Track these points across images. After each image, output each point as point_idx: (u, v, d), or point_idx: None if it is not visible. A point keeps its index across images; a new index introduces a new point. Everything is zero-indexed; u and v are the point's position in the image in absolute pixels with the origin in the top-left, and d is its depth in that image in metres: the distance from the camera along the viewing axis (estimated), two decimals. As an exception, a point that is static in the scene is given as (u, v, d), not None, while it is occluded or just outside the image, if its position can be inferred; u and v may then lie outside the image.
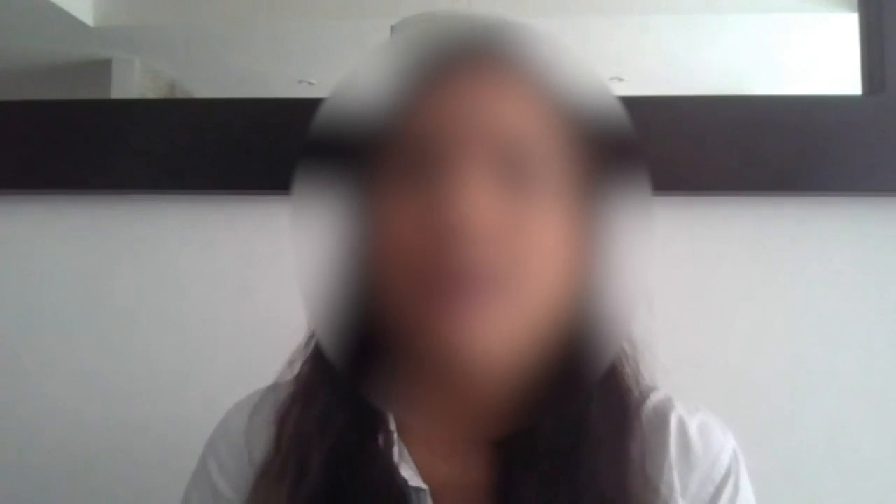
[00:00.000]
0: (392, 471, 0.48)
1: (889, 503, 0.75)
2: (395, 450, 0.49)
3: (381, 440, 0.49)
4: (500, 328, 0.43)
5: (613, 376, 0.50)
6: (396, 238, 0.44)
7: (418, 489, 0.48)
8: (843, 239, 0.77)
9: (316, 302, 0.46)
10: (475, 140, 0.44)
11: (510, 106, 0.45)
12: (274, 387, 0.55)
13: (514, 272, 0.43)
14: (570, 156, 0.45)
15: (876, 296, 0.77)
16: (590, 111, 0.45)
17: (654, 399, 0.53)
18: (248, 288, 0.81)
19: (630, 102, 0.46)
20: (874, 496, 0.75)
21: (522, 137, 0.44)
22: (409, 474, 0.49)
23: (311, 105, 0.46)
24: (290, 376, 0.54)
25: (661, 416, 0.52)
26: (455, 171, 0.43)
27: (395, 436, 0.50)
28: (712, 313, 0.78)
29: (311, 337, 0.52)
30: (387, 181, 0.45)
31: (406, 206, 0.44)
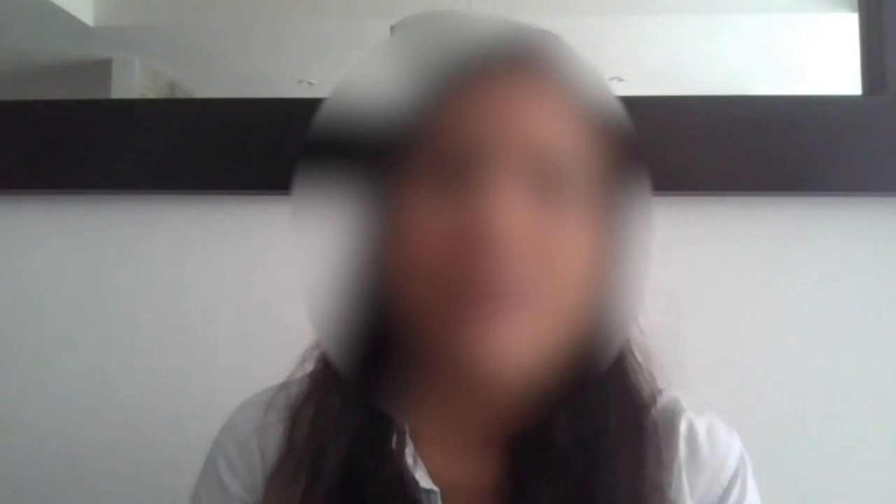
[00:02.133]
0: (404, 472, 0.48)
1: (891, 502, 0.75)
2: (408, 451, 0.49)
3: (394, 442, 0.49)
4: (524, 339, 0.42)
5: (625, 380, 0.50)
6: (420, 245, 0.43)
7: (429, 491, 0.48)
8: (843, 239, 0.77)
9: (321, 310, 0.45)
10: (508, 148, 0.43)
11: (541, 113, 0.44)
12: (285, 385, 0.54)
13: (543, 284, 0.42)
14: (592, 163, 0.45)
15: (876, 295, 0.77)
16: (606, 117, 0.45)
17: (662, 401, 0.53)
18: (248, 288, 0.81)
19: (630, 102, 0.45)
20: (876, 495, 0.75)
21: (553, 145, 0.44)
22: (421, 475, 0.48)
23: (311, 105, 0.45)
24: (301, 373, 0.53)
25: (670, 418, 0.52)
26: (488, 180, 0.42)
27: (408, 437, 0.49)
28: (711, 313, 0.77)
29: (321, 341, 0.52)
30: (408, 185, 0.45)
31: (432, 212, 0.43)
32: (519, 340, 0.42)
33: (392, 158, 0.45)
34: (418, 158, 0.45)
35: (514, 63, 0.45)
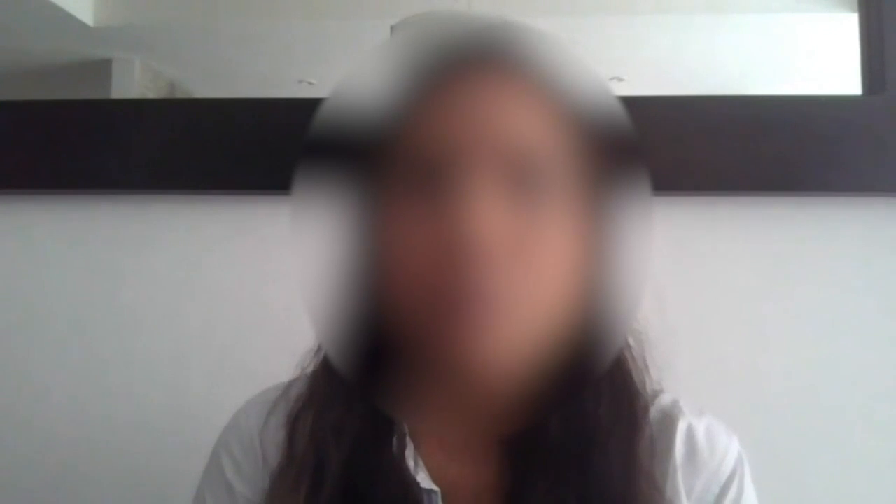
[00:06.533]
0: (405, 474, 0.48)
1: (891, 502, 0.75)
2: (408, 452, 0.49)
3: (394, 444, 0.49)
4: (510, 342, 0.42)
5: (621, 379, 0.50)
6: (405, 252, 0.43)
7: (430, 491, 0.48)
8: (843, 239, 0.77)
9: (321, 313, 0.46)
10: (485, 150, 0.43)
11: (520, 113, 0.44)
12: (288, 385, 0.55)
13: (524, 290, 0.42)
14: (576, 161, 0.45)
15: (876, 295, 0.77)
16: (594, 114, 0.45)
17: (661, 402, 0.53)
18: (248, 288, 0.81)
19: (630, 102, 0.45)
20: (878, 495, 0.75)
21: (532, 147, 0.44)
22: (421, 476, 0.49)
23: (311, 105, 0.46)
24: (302, 374, 0.54)
25: (669, 419, 0.52)
26: (465, 185, 0.42)
27: (408, 439, 0.50)
28: (711, 313, 0.78)
29: (321, 343, 0.52)
30: (392, 186, 0.45)
31: (414, 218, 0.43)
32: (501, 345, 0.42)
33: (376, 162, 0.45)
34: (399, 163, 0.44)
35: (493, 61, 0.44)
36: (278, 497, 0.49)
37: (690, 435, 0.51)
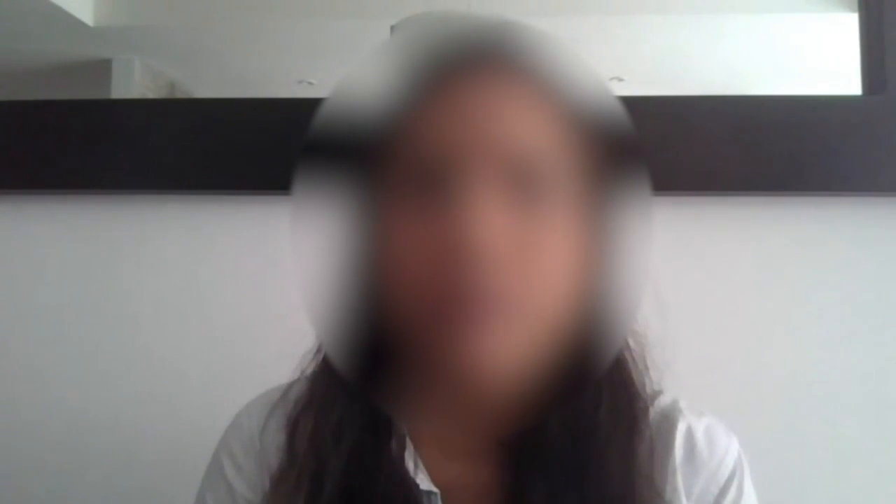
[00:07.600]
0: (405, 476, 0.48)
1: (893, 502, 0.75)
2: (408, 454, 0.49)
3: (394, 446, 0.49)
4: (511, 347, 0.42)
5: (621, 380, 0.50)
6: (405, 254, 0.43)
7: (429, 492, 0.48)
8: (843, 239, 0.77)
9: (321, 313, 0.46)
10: (486, 153, 0.43)
11: (520, 113, 0.44)
12: (288, 388, 0.55)
13: (526, 293, 0.42)
14: (577, 163, 0.45)
15: (876, 295, 0.77)
16: (595, 115, 0.45)
17: (660, 402, 0.53)
18: (248, 288, 0.81)
19: (630, 102, 0.45)
20: (879, 496, 0.75)
21: (533, 149, 0.43)
22: (421, 478, 0.49)
23: (311, 105, 0.45)
24: (302, 375, 0.54)
25: (668, 419, 0.52)
26: (466, 186, 0.42)
27: (408, 440, 0.50)
28: (711, 313, 0.77)
29: (321, 344, 0.52)
30: (393, 187, 0.44)
31: (414, 220, 0.43)
32: (503, 349, 0.42)
33: (376, 163, 0.45)
34: (399, 163, 0.44)
35: (493, 61, 0.44)
36: (279, 499, 0.49)
37: (690, 436, 0.51)
